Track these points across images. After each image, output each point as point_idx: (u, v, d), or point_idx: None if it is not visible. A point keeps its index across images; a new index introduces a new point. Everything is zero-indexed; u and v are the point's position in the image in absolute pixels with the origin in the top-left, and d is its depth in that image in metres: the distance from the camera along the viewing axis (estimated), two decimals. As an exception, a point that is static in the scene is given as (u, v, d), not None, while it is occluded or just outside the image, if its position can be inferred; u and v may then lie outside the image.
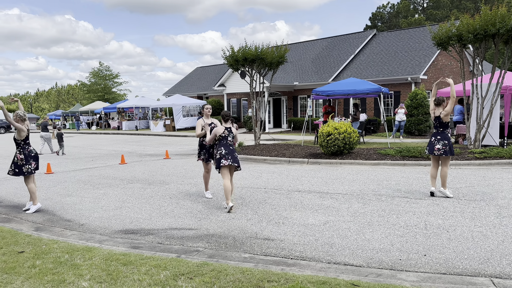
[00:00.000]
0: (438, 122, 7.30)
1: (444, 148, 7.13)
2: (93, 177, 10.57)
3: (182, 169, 11.58)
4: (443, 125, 7.28)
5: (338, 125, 12.28)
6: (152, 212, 6.89)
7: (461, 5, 51.06)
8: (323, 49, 30.75)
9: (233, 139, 6.99)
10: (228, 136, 6.90)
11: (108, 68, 55.42)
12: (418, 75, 21.94)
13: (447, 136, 7.24)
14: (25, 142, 7.07)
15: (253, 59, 15.81)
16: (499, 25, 11.44)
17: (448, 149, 7.14)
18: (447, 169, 7.22)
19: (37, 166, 7.18)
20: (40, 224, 6.37)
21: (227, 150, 6.79)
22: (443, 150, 7.14)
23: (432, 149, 7.26)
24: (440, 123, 7.29)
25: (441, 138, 7.20)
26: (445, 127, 7.28)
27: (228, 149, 6.81)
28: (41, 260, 4.63)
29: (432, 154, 7.26)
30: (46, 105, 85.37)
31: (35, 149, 7.24)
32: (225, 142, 6.87)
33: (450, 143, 7.20)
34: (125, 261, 4.53)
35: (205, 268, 4.27)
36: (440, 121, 7.28)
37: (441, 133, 7.26)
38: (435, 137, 7.29)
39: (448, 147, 7.15)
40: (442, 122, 7.25)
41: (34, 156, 7.16)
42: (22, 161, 6.99)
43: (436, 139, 7.26)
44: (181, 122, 30.90)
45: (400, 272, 4.14)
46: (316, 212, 6.51)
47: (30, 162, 7.04)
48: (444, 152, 7.13)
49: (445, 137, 7.22)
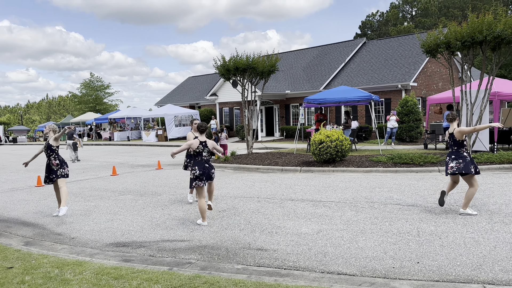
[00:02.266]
0: (452, 140, 6.59)
1: (458, 166, 6.41)
2: (84, 189, 10.47)
3: (174, 180, 11.51)
4: (457, 143, 6.54)
5: (330, 133, 12.33)
6: (144, 224, 6.82)
7: (449, 13, 51.83)
8: (314, 58, 30.97)
9: (208, 154, 6.67)
10: (203, 152, 6.58)
11: (99, 79, 55.28)
12: (408, 82, 22.14)
13: (461, 155, 6.49)
14: (58, 149, 7.88)
15: (244, 69, 15.86)
16: (486, 32, 11.61)
17: (463, 166, 6.36)
18: (473, 190, 6.38)
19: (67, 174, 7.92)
20: (30, 238, 6.27)
21: (201, 169, 6.48)
22: (456, 167, 6.42)
23: (447, 168, 6.60)
24: (454, 141, 6.57)
25: (455, 157, 6.51)
26: (459, 145, 6.53)
27: (203, 168, 6.50)
28: (31, 275, 4.55)
29: (446, 173, 6.63)
30: (37, 116, 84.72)
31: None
32: (199, 159, 6.57)
33: (467, 161, 6.40)
34: (116, 275, 4.46)
35: (198, 280, 4.23)
36: (454, 139, 6.56)
37: (455, 152, 6.56)
38: (450, 157, 6.60)
39: (462, 164, 6.38)
40: (456, 140, 6.52)
41: (66, 162, 7.91)
42: (57, 166, 7.70)
43: (450, 158, 6.58)
44: (174, 132, 30.80)
45: (394, 280, 4.13)
46: (309, 221, 6.49)
47: (64, 167, 7.77)
48: (458, 169, 6.40)
49: (459, 156, 6.48)
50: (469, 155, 6.58)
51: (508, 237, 5.24)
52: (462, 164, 6.40)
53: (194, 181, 6.54)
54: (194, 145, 6.55)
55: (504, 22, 11.59)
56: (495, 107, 13.78)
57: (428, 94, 23.83)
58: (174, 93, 41.09)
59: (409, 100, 20.22)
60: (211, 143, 6.77)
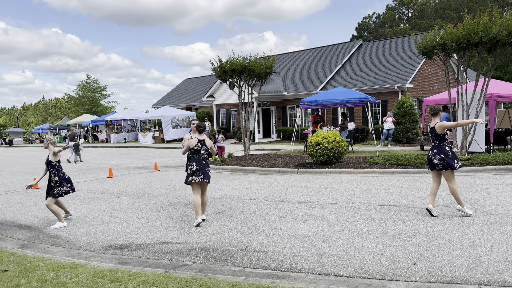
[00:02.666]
0: (434, 134, 6.67)
1: (442, 163, 6.46)
2: (81, 192, 10.43)
3: (171, 182, 11.49)
4: (439, 137, 6.62)
5: (327, 134, 12.34)
6: (140, 226, 6.80)
7: (445, 15, 52.06)
8: (311, 59, 31.02)
9: (206, 152, 6.83)
10: (201, 149, 6.75)
11: (95, 80, 55.18)
12: (404, 83, 22.21)
13: (443, 149, 6.54)
14: (59, 164, 7.13)
15: (241, 70, 15.87)
16: (481, 34, 11.67)
17: (446, 163, 6.43)
18: (453, 185, 6.43)
19: (72, 189, 7.22)
20: (25, 241, 6.24)
21: (198, 165, 6.63)
22: (441, 165, 6.47)
23: (432, 165, 6.66)
24: (435, 135, 6.64)
25: (438, 152, 6.56)
26: (441, 139, 6.60)
27: (200, 164, 6.65)
28: (26, 278, 4.52)
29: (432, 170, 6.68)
30: (33, 119, 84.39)
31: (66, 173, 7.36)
32: (197, 156, 6.74)
33: (449, 156, 6.46)
34: (112, 277, 4.45)
35: (194, 283, 4.22)
36: (435, 133, 6.63)
37: (437, 147, 6.61)
38: (432, 151, 6.66)
39: (445, 161, 6.44)
40: (438, 134, 6.59)
41: (68, 179, 7.17)
42: (55, 183, 7.01)
43: (433, 153, 6.62)
44: (170, 134, 30.77)
45: (390, 281, 4.13)
46: (306, 223, 6.49)
47: (62, 185, 7.05)
48: (443, 167, 6.46)
49: (441, 150, 6.53)
50: (451, 149, 6.61)
51: (504, 238, 5.26)
52: (445, 161, 6.45)
53: (190, 176, 6.61)
54: (193, 143, 6.72)
55: (499, 24, 11.66)
56: (491, 108, 13.84)
57: (424, 95, 23.91)
58: (171, 95, 41.06)
59: (406, 102, 20.29)
60: (209, 142, 6.90)
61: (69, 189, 7.14)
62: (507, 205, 6.98)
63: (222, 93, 29.34)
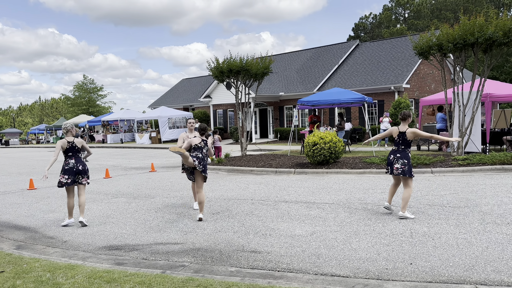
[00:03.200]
0: (402, 138, 6.59)
1: (403, 168, 6.48)
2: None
3: (168, 182, 11.47)
4: (406, 142, 6.61)
5: (323, 135, 12.35)
6: (137, 227, 6.78)
7: (441, 15, 52.24)
8: (308, 60, 31.06)
9: (207, 151, 7.09)
10: (203, 148, 7.00)
11: (92, 81, 55.05)
12: (401, 84, 22.27)
13: (407, 155, 6.56)
14: (67, 154, 6.94)
15: (238, 71, 15.86)
16: (477, 35, 11.71)
17: (407, 169, 6.46)
18: (409, 191, 6.49)
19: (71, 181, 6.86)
20: (21, 242, 6.21)
21: (201, 156, 6.90)
22: (401, 170, 6.49)
23: (392, 169, 6.65)
24: (403, 140, 6.59)
25: (401, 156, 6.55)
26: (407, 145, 6.62)
27: (202, 157, 6.92)
28: (22, 280, 4.50)
29: (392, 174, 6.68)
30: (29, 119, 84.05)
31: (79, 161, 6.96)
32: (200, 151, 7.00)
33: (410, 163, 6.52)
34: (108, 278, 4.43)
35: (191, 283, 4.21)
36: (403, 138, 6.59)
37: (402, 151, 6.60)
38: (395, 155, 6.61)
39: (407, 167, 6.48)
40: (407, 140, 6.58)
41: (68, 169, 6.84)
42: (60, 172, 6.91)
43: (395, 157, 6.59)
44: (167, 134, 30.73)
45: (387, 281, 4.14)
46: (303, 223, 6.49)
47: (62, 175, 6.84)
48: (403, 172, 6.47)
49: (405, 156, 6.54)
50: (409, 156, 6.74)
51: (500, 238, 5.28)
52: (406, 167, 6.50)
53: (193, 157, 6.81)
54: (196, 141, 6.94)
55: (495, 25, 11.71)
56: (487, 108, 13.89)
57: (420, 95, 23.98)
58: (168, 95, 41.00)
59: (402, 102, 20.34)
60: (210, 143, 7.18)
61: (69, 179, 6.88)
62: (503, 205, 7.01)
63: (219, 93, 29.33)
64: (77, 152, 7.00)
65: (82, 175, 6.94)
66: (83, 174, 6.94)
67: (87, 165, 7.14)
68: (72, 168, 6.87)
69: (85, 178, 6.98)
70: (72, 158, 6.95)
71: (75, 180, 6.93)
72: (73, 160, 6.93)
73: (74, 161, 6.92)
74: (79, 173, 6.92)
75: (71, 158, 6.94)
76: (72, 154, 6.95)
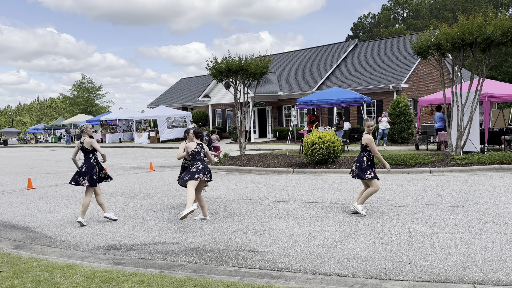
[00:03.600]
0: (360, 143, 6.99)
1: (356, 171, 6.85)
2: (75, 192, 10.38)
3: (166, 182, 11.46)
4: (362, 147, 6.92)
5: (322, 134, 12.36)
6: (136, 226, 6.78)
7: (440, 15, 52.29)
8: (307, 59, 31.06)
9: (204, 155, 7.07)
10: (200, 152, 6.97)
11: (90, 80, 54.99)
12: (399, 83, 22.28)
13: (360, 159, 6.85)
14: (84, 155, 7.03)
15: (236, 70, 15.85)
16: (476, 34, 11.73)
17: (358, 171, 6.79)
18: (371, 190, 6.71)
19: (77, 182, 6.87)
20: (20, 242, 6.20)
21: (203, 165, 6.85)
22: (355, 173, 6.87)
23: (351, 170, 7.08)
24: (360, 145, 6.97)
25: (356, 160, 6.94)
26: (363, 149, 6.88)
27: (204, 164, 6.89)
28: (20, 279, 4.49)
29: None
30: (28, 118, 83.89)
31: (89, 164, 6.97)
32: (199, 157, 6.93)
33: (362, 166, 6.78)
34: (107, 278, 4.43)
35: (189, 283, 4.21)
36: (361, 143, 6.96)
37: (358, 155, 6.99)
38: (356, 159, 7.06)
39: (358, 169, 6.80)
40: (362, 144, 6.90)
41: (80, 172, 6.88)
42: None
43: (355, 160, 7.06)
44: (166, 134, 30.69)
45: (385, 281, 4.14)
46: (302, 222, 6.49)
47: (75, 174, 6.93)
48: (357, 175, 6.83)
49: (358, 159, 6.87)
50: (371, 160, 6.83)
51: (498, 237, 5.29)
52: (357, 170, 6.81)
53: (197, 174, 6.73)
54: (192, 146, 6.93)
55: (493, 24, 11.72)
56: (485, 108, 13.92)
57: (419, 95, 24.00)
58: (167, 94, 40.97)
59: (401, 102, 20.35)
60: (206, 147, 7.17)
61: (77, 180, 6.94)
62: (502, 204, 7.02)
63: (217, 93, 29.31)
64: (87, 153, 7.02)
65: (83, 177, 6.94)
66: (83, 176, 6.93)
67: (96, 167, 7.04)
68: (80, 169, 6.97)
69: (85, 180, 6.93)
70: (83, 158, 7.07)
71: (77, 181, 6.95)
72: (82, 161, 7.08)
73: (82, 162, 7.05)
74: (80, 175, 6.94)
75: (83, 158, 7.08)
76: (84, 155, 7.06)
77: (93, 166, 6.99)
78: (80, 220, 6.88)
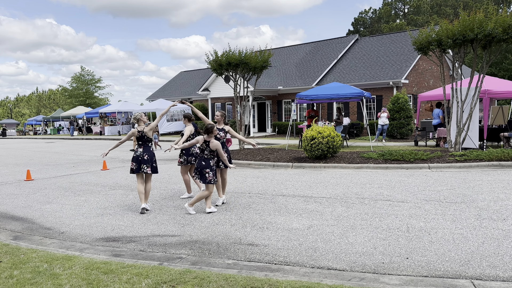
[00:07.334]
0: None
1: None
2: (74, 184, 10.39)
3: (165, 175, 11.47)
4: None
5: (321, 129, 12.36)
6: (134, 218, 6.79)
7: (441, 11, 52.13)
8: (307, 54, 30.97)
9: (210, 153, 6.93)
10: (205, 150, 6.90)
11: (90, 72, 54.79)
12: (399, 79, 22.26)
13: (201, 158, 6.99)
14: (138, 143, 7.19)
15: (236, 64, 15.82)
16: (477, 31, 11.70)
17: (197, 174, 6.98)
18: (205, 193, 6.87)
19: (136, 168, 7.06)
20: (18, 233, 6.21)
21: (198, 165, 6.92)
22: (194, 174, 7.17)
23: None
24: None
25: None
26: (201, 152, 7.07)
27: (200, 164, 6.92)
28: (19, 270, 4.51)
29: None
30: (26, 110, 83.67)
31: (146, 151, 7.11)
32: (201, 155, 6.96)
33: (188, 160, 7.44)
34: (106, 269, 4.44)
35: (188, 275, 4.22)
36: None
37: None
38: None
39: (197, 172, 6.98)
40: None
41: (135, 157, 7.07)
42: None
43: None
44: (165, 127, 30.67)
45: (383, 275, 4.16)
46: (300, 216, 6.51)
47: (131, 162, 7.14)
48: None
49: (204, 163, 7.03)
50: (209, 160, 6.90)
51: (496, 233, 5.31)
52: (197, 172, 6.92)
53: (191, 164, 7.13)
54: (200, 141, 6.92)
55: (495, 21, 11.69)
56: (485, 104, 13.93)
57: (419, 91, 23.99)
58: (166, 87, 40.87)
59: (400, 97, 20.34)
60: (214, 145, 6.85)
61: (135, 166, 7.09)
62: (500, 200, 7.05)
63: (217, 86, 29.26)
64: (147, 141, 7.15)
65: (147, 165, 7.06)
66: (147, 163, 7.06)
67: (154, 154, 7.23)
68: (138, 157, 7.07)
69: (149, 168, 7.08)
70: (141, 147, 7.15)
71: (140, 168, 7.08)
72: (141, 149, 7.14)
73: (141, 150, 7.11)
74: (143, 163, 7.05)
75: (140, 146, 7.15)
76: (141, 143, 7.15)
77: (153, 155, 7.20)
78: (144, 206, 7.11)
